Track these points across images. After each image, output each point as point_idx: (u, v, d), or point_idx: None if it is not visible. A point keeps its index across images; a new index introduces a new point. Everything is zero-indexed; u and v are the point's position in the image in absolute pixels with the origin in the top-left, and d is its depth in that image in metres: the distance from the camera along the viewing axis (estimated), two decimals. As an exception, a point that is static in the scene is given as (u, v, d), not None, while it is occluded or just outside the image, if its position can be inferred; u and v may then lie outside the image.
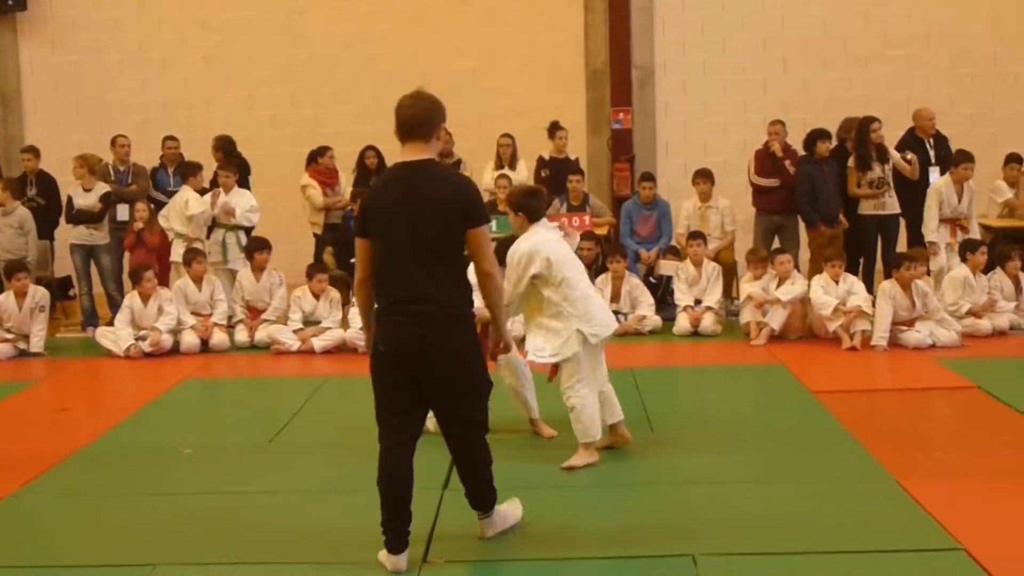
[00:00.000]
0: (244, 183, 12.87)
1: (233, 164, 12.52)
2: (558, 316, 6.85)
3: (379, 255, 5.31)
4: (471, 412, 5.46)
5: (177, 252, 12.22)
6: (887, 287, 10.52)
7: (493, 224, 12.24)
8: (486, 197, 13.22)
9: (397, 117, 5.34)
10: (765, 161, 12.45)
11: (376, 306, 5.37)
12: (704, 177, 12.71)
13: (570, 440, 7.10)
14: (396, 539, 5.37)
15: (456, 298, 5.29)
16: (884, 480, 6.55)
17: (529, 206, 6.99)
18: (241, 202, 12.27)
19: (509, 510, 5.84)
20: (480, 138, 13.64)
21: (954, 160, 11.86)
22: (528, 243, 6.89)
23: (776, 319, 10.84)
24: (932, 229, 11.71)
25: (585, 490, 6.64)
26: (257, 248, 11.71)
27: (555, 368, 7.00)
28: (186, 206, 12.19)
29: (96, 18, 14.94)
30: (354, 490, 6.35)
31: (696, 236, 11.95)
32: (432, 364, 5.25)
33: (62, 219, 12.73)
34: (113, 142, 13.05)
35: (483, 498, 5.67)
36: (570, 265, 6.97)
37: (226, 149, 13.22)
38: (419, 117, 5.31)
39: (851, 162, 12.08)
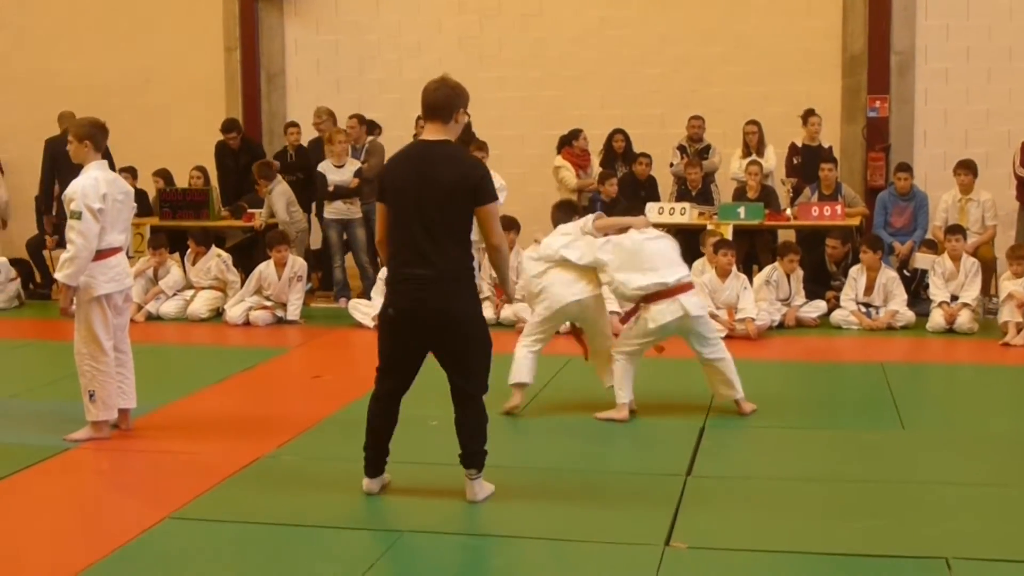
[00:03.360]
0: None
1: (485, 145, 12.67)
2: None
3: (391, 225, 5.90)
4: (468, 372, 5.95)
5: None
6: None
7: (741, 211, 12.16)
8: (734, 185, 13.08)
9: (421, 99, 5.87)
10: (1032, 152, 11.91)
11: (387, 273, 6.05)
12: (966, 168, 12.20)
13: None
14: (371, 467, 6.14)
15: (458, 264, 5.79)
16: None
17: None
18: None
19: (488, 486, 6.12)
20: (729, 124, 13.51)
21: None
22: None
23: (1038, 319, 10.34)
24: None
25: (830, 484, 6.47)
26: (504, 228, 11.83)
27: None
28: None
29: (357, 0, 15.41)
30: (584, 471, 6.39)
31: (955, 230, 11.48)
32: (433, 326, 5.82)
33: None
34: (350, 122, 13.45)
35: (472, 455, 6.02)
36: None
37: None
38: (440, 101, 5.83)
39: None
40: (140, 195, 12.33)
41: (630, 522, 5.79)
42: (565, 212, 8.50)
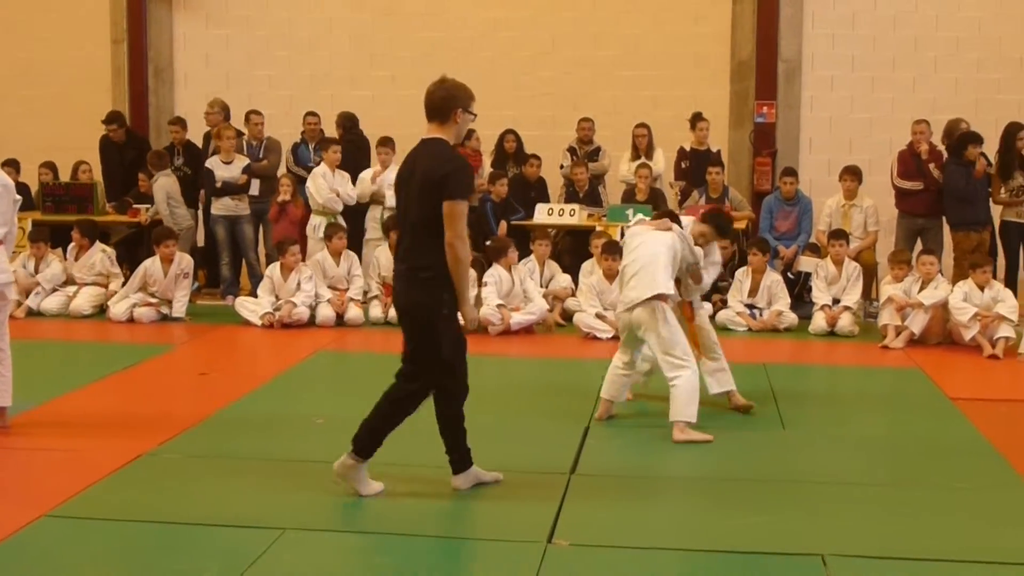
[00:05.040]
0: (365, 162, 12.96)
1: (390, 142, 12.62)
2: None
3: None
4: (412, 361, 6.04)
5: (313, 226, 12.40)
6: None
7: (630, 213, 12.22)
8: (623, 187, 13.20)
9: (424, 100, 6.07)
10: (909, 163, 12.20)
11: None
12: (852, 174, 12.47)
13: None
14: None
15: (430, 260, 5.86)
16: (1022, 491, 6.39)
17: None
18: None
19: (370, 484, 6.11)
20: (619, 127, 13.63)
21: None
22: None
23: (917, 323, 10.58)
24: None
25: (711, 482, 6.58)
26: (394, 226, 11.80)
27: None
28: (315, 183, 12.39)
29: (249, -6, 15.28)
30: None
31: (838, 235, 11.72)
32: (401, 316, 6.10)
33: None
34: (247, 118, 13.33)
35: (359, 431, 6.14)
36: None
37: (347, 126, 13.38)
38: (436, 102, 6.04)
39: (993, 169, 11.85)
40: (23, 189, 12.07)
41: (514, 519, 5.81)
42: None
